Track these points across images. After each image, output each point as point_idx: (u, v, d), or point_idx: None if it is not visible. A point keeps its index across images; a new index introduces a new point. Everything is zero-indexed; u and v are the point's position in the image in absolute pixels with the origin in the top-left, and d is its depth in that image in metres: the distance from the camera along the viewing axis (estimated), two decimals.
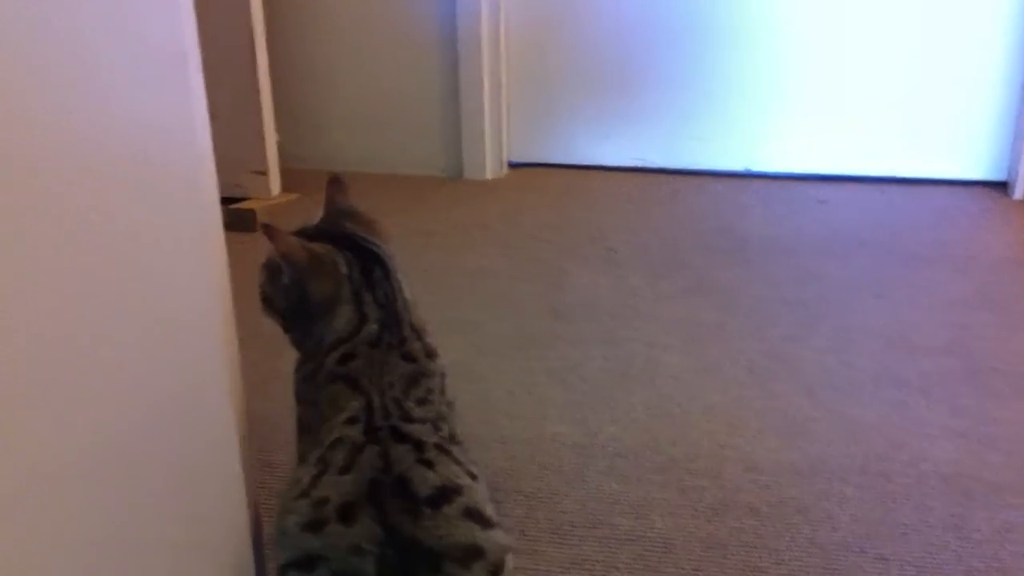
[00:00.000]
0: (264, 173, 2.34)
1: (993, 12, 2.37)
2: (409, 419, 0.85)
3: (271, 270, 0.94)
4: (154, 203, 0.66)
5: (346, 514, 0.75)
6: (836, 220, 2.31)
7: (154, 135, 0.65)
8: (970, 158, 2.49)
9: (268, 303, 0.96)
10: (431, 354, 0.95)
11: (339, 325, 0.91)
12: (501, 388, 1.51)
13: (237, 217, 2.15)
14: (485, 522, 0.77)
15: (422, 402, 0.89)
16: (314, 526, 0.75)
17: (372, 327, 0.91)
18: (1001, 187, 2.43)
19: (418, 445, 0.81)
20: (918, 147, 2.52)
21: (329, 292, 0.92)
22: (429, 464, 0.79)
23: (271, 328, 0.98)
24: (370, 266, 0.94)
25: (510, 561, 0.77)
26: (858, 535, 1.16)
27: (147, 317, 0.66)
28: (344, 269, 0.93)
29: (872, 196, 2.47)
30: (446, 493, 0.77)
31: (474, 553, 0.74)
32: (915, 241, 2.15)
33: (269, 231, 0.91)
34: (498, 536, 0.78)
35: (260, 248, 0.93)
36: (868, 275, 1.96)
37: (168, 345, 0.69)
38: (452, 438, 0.87)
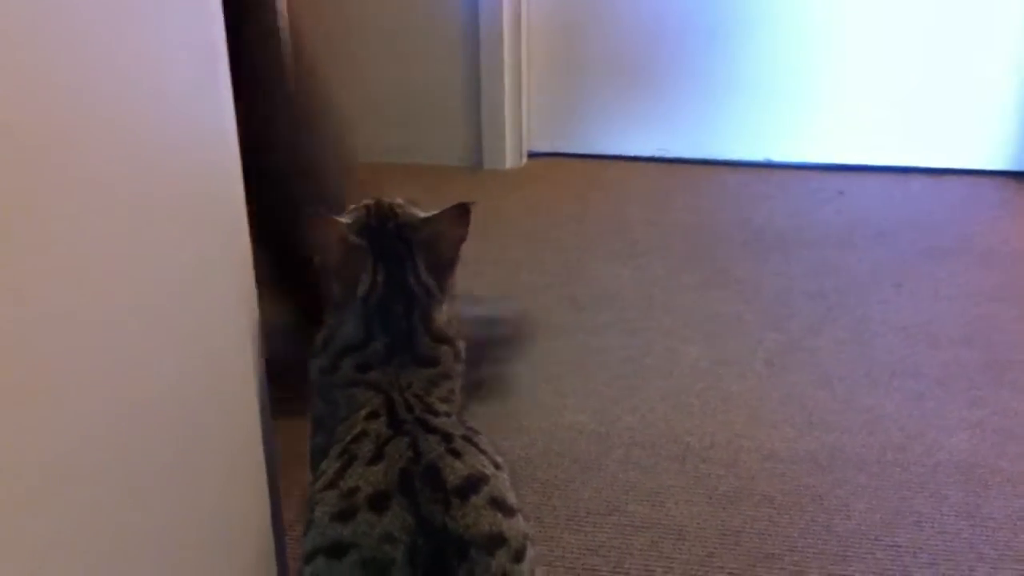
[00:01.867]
0: None
1: (1014, 4, 2.36)
2: (434, 412, 0.86)
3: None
4: (182, 208, 0.67)
5: (377, 503, 0.76)
6: (855, 211, 2.31)
7: (183, 138, 0.67)
8: (989, 148, 2.48)
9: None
10: (460, 357, 0.95)
11: (347, 331, 0.91)
12: (519, 377, 1.53)
13: None
14: (508, 510, 0.79)
15: (444, 400, 0.90)
16: (344, 515, 0.76)
17: (378, 346, 0.90)
18: (1019, 176, 2.42)
19: (446, 436, 0.82)
20: (937, 137, 2.51)
21: (344, 292, 0.91)
22: (457, 454, 0.80)
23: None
24: (392, 299, 0.91)
25: (531, 549, 0.79)
26: (872, 523, 1.17)
27: (177, 319, 0.67)
28: (363, 290, 0.90)
29: (891, 186, 2.47)
30: (473, 483, 0.78)
31: (499, 541, 0.76)
32: (935, 232, 2.15)
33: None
34: (520, 524, 0.79)
35: None
36: (887, 266, 1.96)
37: (197, 344, 0.71)
38: (474, 430, 0.88)
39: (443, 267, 0.95)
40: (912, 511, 1.19)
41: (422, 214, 0.97)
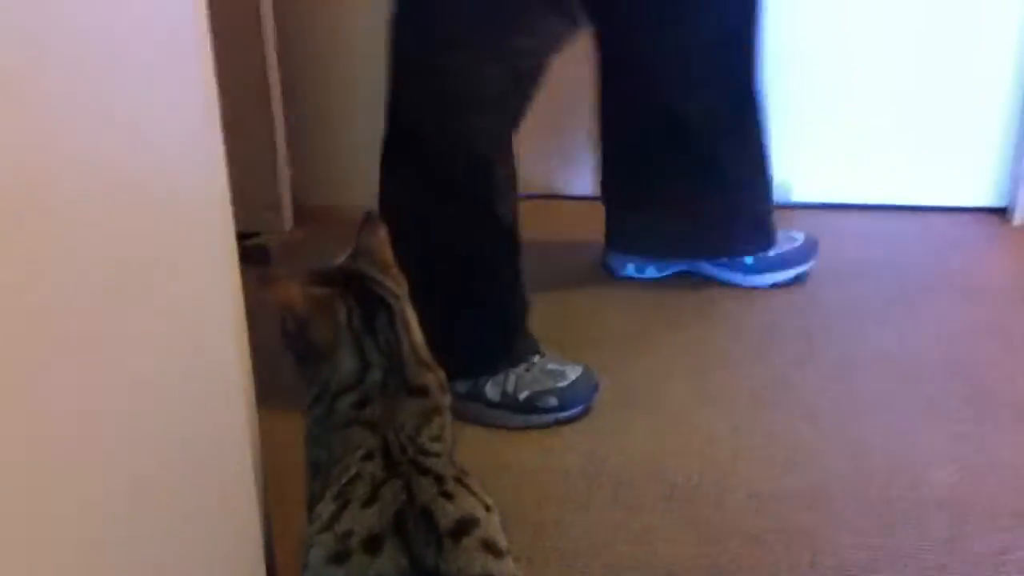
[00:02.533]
0: (277, 208, 2.38)
1: (992, 40, 2.39)
2: (426, 453, 0.88)
3: (281, 315, 0.97)
4: (173, 237, 0.69)
5: (371, 546, 0.78)
6: (838, 248, 2.33)
7: (172, 169, 0.69)
8: (969, 185, 2.51)
9: (285, 342, 0.98)
10: (444, 388, 0.98)
11: (343, 370, 0.93)
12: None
13: (252, 252, 2.19)
14: (498, 552, 0.81)
15: (435, 439, 0.93)
16: (339, 558, 0.78)
17: (376, 374, 0.93)
18: (1001, 213, 2.45)
19: (439, 478, 0.84)
20: (917, 174, 2.54)
21: (327, 338, 0.94)
22: (449, 496, 0.82)
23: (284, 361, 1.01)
24: (373, 311, 0.95)
25: None
26: (858, 559, 1.18)
27: (167, 349, 0.69)
28: (343, 316, 0.94)
29: (872, 224, 2.50)
30: (465, 525, 0.80)
31: None
32: (916, 268, 2.17)
33: (268, 279, 0.93)
34: (509, 566, 0.81)
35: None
36: (870, 302, 1.98)
37: (186, 377, 0.72)
38: (464, 472, 0.90)
39: (386, 267, 1.01)
40: (896, 546, 1.20)
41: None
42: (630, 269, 2.07)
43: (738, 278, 2.02)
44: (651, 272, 2.07)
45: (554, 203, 2.64)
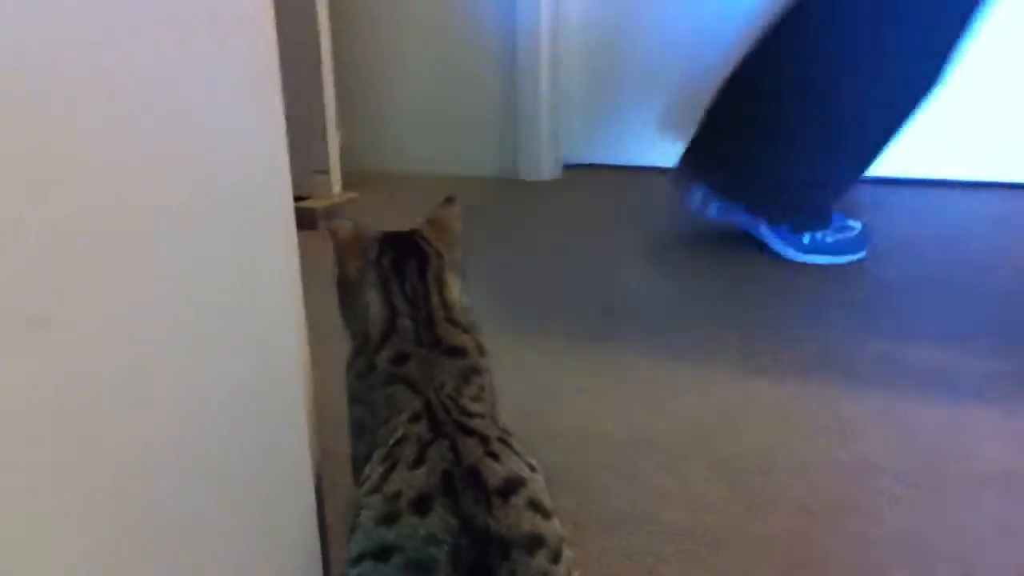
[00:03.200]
0: (326, 172, 2.39)
1: None
2: (469, 414, 0.88)
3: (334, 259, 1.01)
4: (232, 202, 0.70)
5: (420, 506, 0.78)
6: (889, 223, 2.31)
7: (234, 135, 0.69)
8: None
9: (335, 289, 1.02)
10: (483, 351, 0.99)
11: (372, 315, 0.95)
12: (553, 385, 1.55)
13: (299, 216, 2.20)
14: (545, 512, 0.80)
15: (476, 399, 0.93)
16: (388, 519, 0.78)
17: (404, 323, 0.94)
18: None
19: (484, 439, 0.84)
20: (972, 150, 2.50)
21: (355, 272, 0.97)
22: (495, 457, 0.82)
23: (336, 325, 1.02)
24: (406, 256, 0.98)
25: (567, 550, 0.81)
26: (906, 532, 1.17)
27: (225, 311, 0.70)
28: (373, 255, 0.98)
29: (926, 199, 2.46)
30: (512, 485, 0.80)
31: (538, 542, 0.77)
32: (970, 244, 2.14)
33: (332, 222, 0.98)
34: (556, 526, 0.81)
35: (320, 245, 0.98)
36: (922, 279, 1.96)
37: (245, 337, 0.73)
38: (507, 432, 0.90)
39: (444, 231, 1.03)
40: (946, 521, 1.19)
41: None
42: (696, 197, 2.09)
43: (790, 253, 2.02)
44: (713, 211, 2.09)
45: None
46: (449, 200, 1.07)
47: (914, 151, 2.55)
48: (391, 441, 0.86)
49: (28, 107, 0.48)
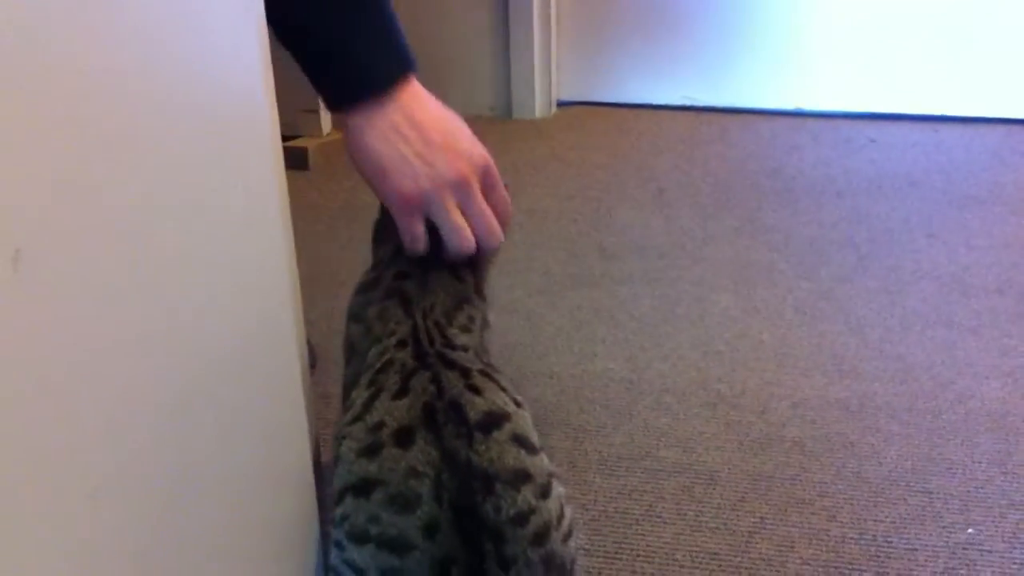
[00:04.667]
0: (315, 111, 2.36)
1: None
2: (452, 346, 0.87)
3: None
4: (218, 142, 0.68)
5: (402, 438, 0.77)
6: (887, 160, 2.29)
7: (217, 72, 0.67)
8: (1023, 96, 2.44)
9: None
10: (482, 295, 0.98)
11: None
12: (551, 325, 1.54)
13: (290, 155, 2.18)
14: (531, 448, 0.80)
15: (464, 329, 0.91)
16: (370, 451, 0.77)
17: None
18: None
19: (464, 372, 0.83)
20: (970, 85, 2.48)
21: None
22: (477, 390, 0.81)
23: (329, 268, 1.00)
24: None
25: (557, 487, 0.80)
26: (904, 470, 1.17)
27: (215, 253, 0.68)
28: None
29: (923, 135, 2.44)
30: (495, 419, 0.79)
31: (523, 477, 0.77)
32: (967, 181, 2.13)
33: None
34: (543, 462, 0.80)
35: (313, 186, 0.96)
36: (919, 215, 1.95)
37: (235, 280, 0.72)
38: (493, 367, 0.89)
39: None
40: (943, 458, 1.19)
41: None
42: None
43: None
44: None
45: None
46: None
47: (910, 87, 2.53)
48: (377, 365, 0.85)
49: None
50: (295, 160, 2.16)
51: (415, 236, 0.93)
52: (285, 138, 2.31)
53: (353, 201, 1.97)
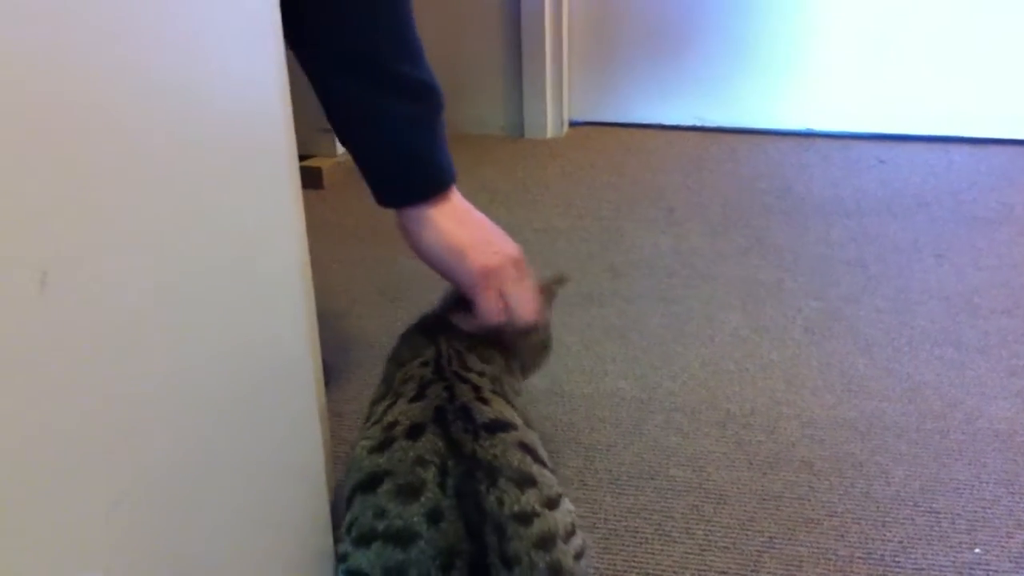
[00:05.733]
0: (330, 131, 2.37)
1: None
2: (468, 369, 0.93)
3: None
4: (238, 163, 0.69)
5: (413, 432, 0.82)
6: (896, 180, 2.30)
7: (237, 95, 0.69)
8: None
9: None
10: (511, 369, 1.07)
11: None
12: (561, 343, 1.55)
13: (304, 175, 2.20)
14: (537, 458, 0.82)
15: (486, 360, 0.97)
16: (382, 446, 0.81)
17: None
18: None
19: (476, 388, 0.89)
20: (979, 106, 2.49)
21: None
22: (485, 401, 0.87)
23: (344, 287, 1.02)
24: None
25: (567, 503, 0.81)
26: (911, 489, 1.18)
27: (234, 270, 0.70)
28: None
29: (932, 156, 2.45)
30: (501, 424, 0.84)
31: (528, 480, 0.79)
32: (976, 201, 2.14)
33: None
34: (551, 476, 0.82)
35: (327, 205, 0.98)
36: (928, 236, 1.96)
37: (251, 297, 0.73)
38: (503, 392, 0.95)
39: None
40: (951, 478, 1.20)
41: None
42: None
43: None
44: None
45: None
46: (551, 289, 1.16)
47: (919, 108, 2.54)
48: (398, 380, 0.91)
49: (24, 51, 0.48)
50: (310, 179, 2.18)
51: (496, 309, 1.00)
52: (300, 157, 2.33)
53: (366, 220, 1.99)
